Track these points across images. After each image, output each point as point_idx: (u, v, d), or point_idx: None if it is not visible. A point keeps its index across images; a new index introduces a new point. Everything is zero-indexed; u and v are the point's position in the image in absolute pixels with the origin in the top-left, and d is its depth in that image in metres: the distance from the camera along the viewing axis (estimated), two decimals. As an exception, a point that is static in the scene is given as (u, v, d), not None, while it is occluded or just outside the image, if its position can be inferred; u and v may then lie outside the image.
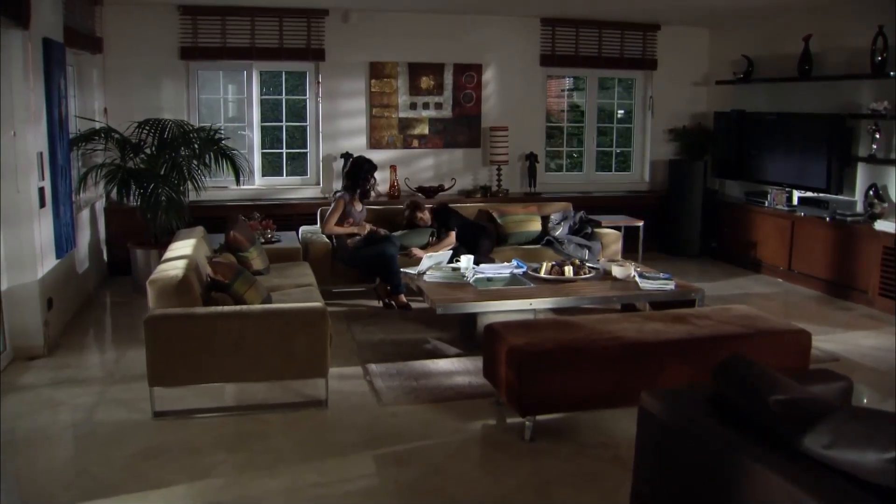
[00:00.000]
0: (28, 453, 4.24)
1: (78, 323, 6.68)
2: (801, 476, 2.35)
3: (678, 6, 8.68)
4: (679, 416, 2.89)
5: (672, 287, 5.82)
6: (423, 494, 3.77)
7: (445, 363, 5.64)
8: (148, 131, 7.57)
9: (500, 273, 6.30)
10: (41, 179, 5.89)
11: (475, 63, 9.59)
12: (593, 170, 10.40)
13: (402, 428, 4.54)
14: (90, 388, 5.19)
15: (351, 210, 7.16)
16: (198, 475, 3.92)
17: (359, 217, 7.26)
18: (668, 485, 2.96)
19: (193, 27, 8.77)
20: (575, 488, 3.80)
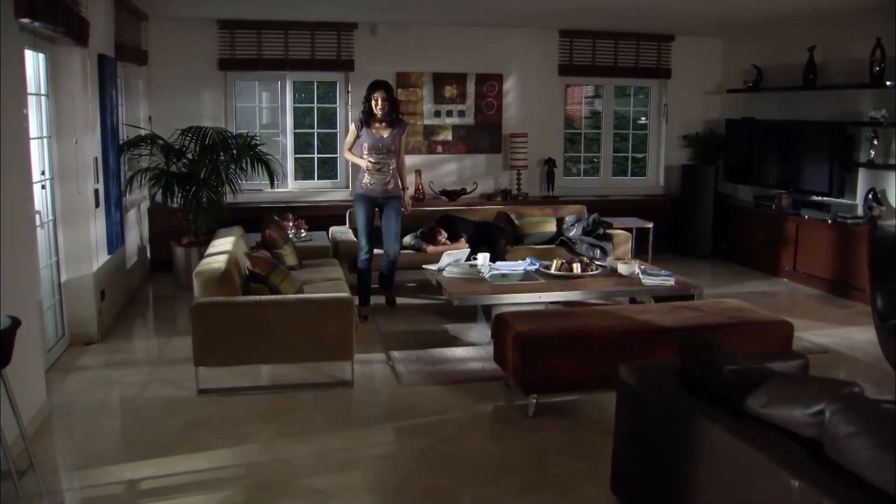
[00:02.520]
0: (90, 422, 4.83)
1: (126, 313, 7.28)
2: (743, 431, 2.83)
3: (692, 18, 9.10)
4: (650, 385, 3.39)
5: (672, 283, 6.28)
6: (436, 458, 4.30)
7: (461, 351, 6.16)
8: (191, 138, 8.17)
9: (514, 270, 6.78)
10: (96, 182, 6.48)
11: (496, 73, 10.10)
12: (610, 174, 10.86)
13: (419, 405, 5.07)
14: (140, 370, 5.78)
15: (364, 135, 6.85)
16: (238, 441, 4.47)
17: (372, 142, 6.81)
18: (640, 444, 3.45)
19: (231, 40, 9.37)
20: (569, 456, 4.30)
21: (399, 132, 6.94)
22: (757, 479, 2.64)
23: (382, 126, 6.85)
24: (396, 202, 7.02)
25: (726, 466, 2.84)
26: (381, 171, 6.85)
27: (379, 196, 6.93)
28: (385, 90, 6.77)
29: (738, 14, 8.63)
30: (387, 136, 6.85)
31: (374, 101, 6.74)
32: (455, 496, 3.87)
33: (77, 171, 6.11)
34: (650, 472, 3.37)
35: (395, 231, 7.02)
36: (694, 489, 3.01)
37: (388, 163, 6.88)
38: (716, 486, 2.91)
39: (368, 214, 6.95)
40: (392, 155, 6.90)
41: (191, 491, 3.89)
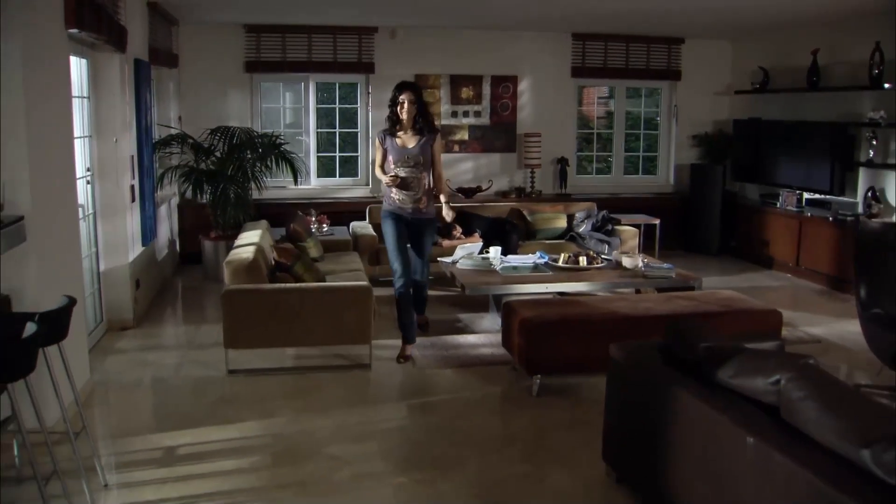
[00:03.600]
0: (129, 397, 5.27)
1: (158, 302, 7.72)
2: (712, 398, 3.20)
3: (701, 22, 9.41)
4: (636, 361, 3.77)
5: (672, 275, 6.63)
6: (445, 431, 4.70)
7: (473, 338, 6.56)
8: (219, 137, 8.62)
9: (524, 262, 7.15)
10: (132, 178, 6.93)
11: (511, 75, 10.48)
12: (621, 173, 11.20)
13: (431, 385, 5.47)
14: (173, 353, 6.23)
15: (389, 147, 6.02)
16: (264, 415, 4.89)
17: (398, 154, 5.96)
18: (627, 414, 3.83)
19: (257, 43, 9.81)
20: (567, 430, 4.68)
21: (429, 141, 5.97)
22: (720, 438, 3.01)
23: (409, 135, 5.96)
24: (430, 226, 6.22)
25: (696, 429, 3.21)
26: (410, 186, 5.95)
27: (409, 215, 6.03)
28: (412, 91, 5.95)
29: (746, 18, 8.94)
30: (413, 147, 5.94)
31: (399, 104, 5.91)
32: (461, 463, 4.26)
33: (116, 168, 6.55)
34: (635, 438, 3.74)
35: (423, 257, 6.27)
36: (670, 451, 3.38)
37: (419, 177, 5.95)
38: (687, 447, 3.27)
39: (399, 234, 5.99)
40: (422, 168, 5.96)
41: (223, 456, 4.32)
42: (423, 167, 5.98)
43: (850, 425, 2.58)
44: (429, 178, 6.04)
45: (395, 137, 5.99)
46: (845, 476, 2.48)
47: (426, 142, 5.98)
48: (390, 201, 6.06)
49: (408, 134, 5.98)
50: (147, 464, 4.23)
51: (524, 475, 4.13)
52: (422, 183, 5.99)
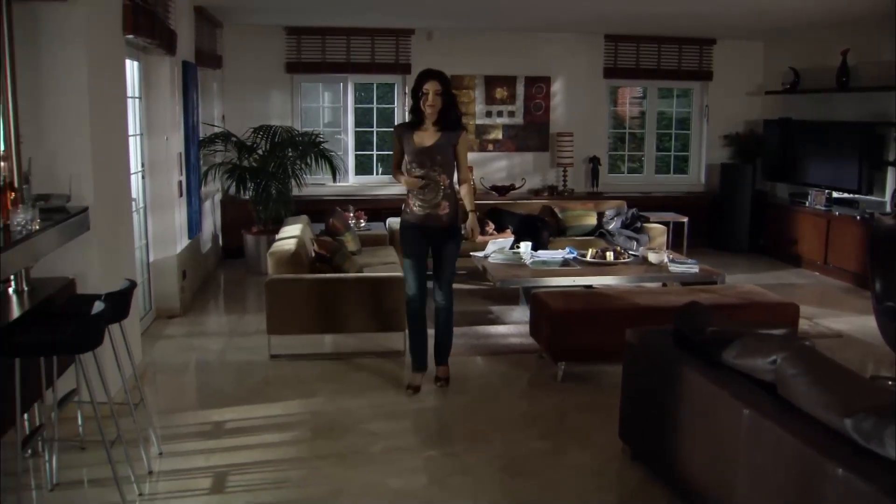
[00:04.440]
0: (178, 378, 5.65)
1: (203, 293, 8.10)
2: (715, 375, 3.46)
3: (733, 22, 9.59)
4: (649, 344, 4.04)
5: (696, 270, 6.86)
6: (474, 411, 5.02)
7: (503, 328, 6.85)
8: (261, 136, 8.99)
9: (553, 257, 7.41)
10: (180, 174, 7.31)
11: (544, 76, 10.75)
12: (653, 172, 11.41)
13: (462, 370, 5.76)
14: (218, 339, 6.59)
15: (406, 143, 5.21)
16: (304, 395, 5.22)
17: (414, 152, 5.14)
18: (641, 394, 4.10)
19: (298, 45, 10.17)
20: (587, 412, 4.95)
21: (451, 139, 5.11)
22: (720, 411, 3.27)
23: (429, 131, 5.12)
24: (452, 237, 5.29)
25: (700, 404, 3.47)
26: (427, 188, 5.13)
27: (429, 224, 5.20)
28: (440, 81, 5.06)
29: (778, 18, 9.10)
30: (432, 144, 5.09)
31: (423, 95, 5.04)
32: (486, 439, 4.56)
33: (165, 165, 6.94)
34: (647, 416, 4.01)
35: (447, 275, 5.35)
36: (677, 426, 3.65)
37: (436, 180, 5.12)
38: (692, 422, 3.54)
39: (416, 250, 5.27)
40: (441, 170, 5.12)
41: (267, 431, 4.67)
42: (443, 168, 5.12)
43: (835, 398, 2.83)
44: (449, 180, 5.20)
45: (413, 133, 5.17)
46: (828, 442, 2.74)
47: (447, 140, 5.10)
48: (408, 209, 5.29)
49: (428, 130, 5.12)
50: (197, 436, 4.59)
51: (545, 451, 4.42)
52: (440, 186, 5.13)
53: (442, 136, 5.11)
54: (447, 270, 5.35)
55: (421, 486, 3.99)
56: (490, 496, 3.92)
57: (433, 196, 5.15)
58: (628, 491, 4.05)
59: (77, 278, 4.52)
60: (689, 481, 3.57)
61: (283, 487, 3.97)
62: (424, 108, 5.05)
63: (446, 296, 5.40)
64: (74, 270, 4.52)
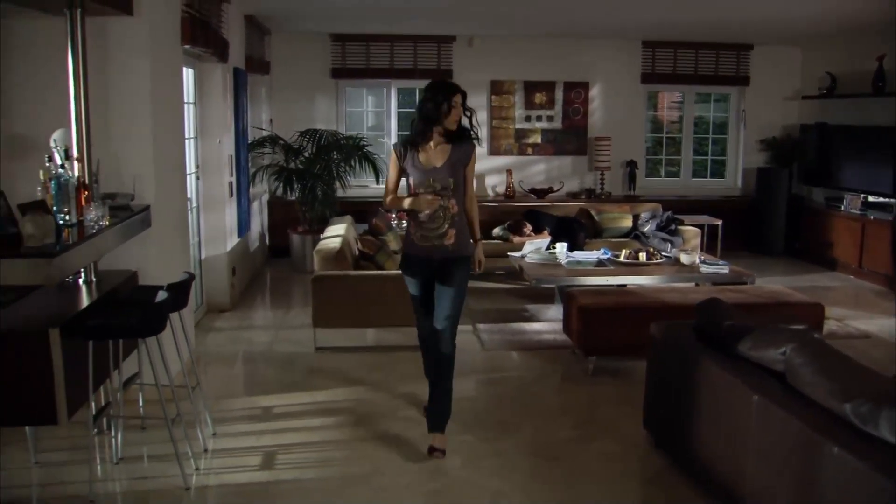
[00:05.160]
0: (229, 367, 6.01)
1: (250, 289, 8.47)
2: (729, 365, 3.69)
3: (770, 28, 9.72)
4: (671, 337, 4.28)
5: (726, 271, 7.05)
6: (508, 402, 5.30)
7: (538, 325, 7.12)
8: (307, 139, 9.36)
9: (588, 257, 7.65)
10: (230, 176, 7.68)
11: (583, 81, 10.98)
12: (690, 176, 11.57)
13: (497, 364, 6.05)
14: (266, 332, 6.94)
15: (409, 165, 4.50)
16: (347, 384, 5.54)
17: (420, 175, 4.46)
18: (663, 384, 4.34)
19: (343, 52, 10.53)
20: (616, 404, 5.20)
21: (462, 158, 4.44)
22: (733, 397, 3.51)
23: (436, 149, 4.43)
24: (460, 267, 4.52)
25: (715, 392, 3.71)
26: (433, 217, 4.44)
27: (433, 256, 4.48)
28: (461, 92, 4.45)
29: (815, 24, 9.20)
30: (442, 165, 4.42)
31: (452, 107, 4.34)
32: (519, 428, 4.83)
33: (218, 166, 7.31)
34: (668, 405, 4.25)
35: (448, 313, 4.47)
36: (694, 413, 3.89)
37: (446, 206, 4.44)
38: (707, 408, 3.78)
39: (422, 286, 4.58)
40: (454, 194, 4.47)
41: (313, 415, 5.00)
42: (454, 192, 4.46)
43: (837, 385, 3.06)
44: (459, 206, 4.50)
45: (416, 153, 4.46)
46: (828, 425, 2.96)
47: (459, 158, 4.43)
48: (409, 240, 4.60)
49: (436, 147, 4.43)
50: (247, 419, 4.93)
51: (573, 439, 4.67)
52: (449, 212, 4.45)
53: (453, 152, 4.42)
54: (449, 306, 4.45)
55: (455, 466, 4.27)
56: (520, 477, 4.19)
57: (439, 225, 4.44)
58: (649, 476, 4.28)
59: (139, 271, 4.87)
60: (704, 465, 3.81)
61: (326, 466, 4.28)
62: (447, 124, 4.34)
63: (446, 340, 4.48)
64: (136, 264, 4.87)
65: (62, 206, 3.97)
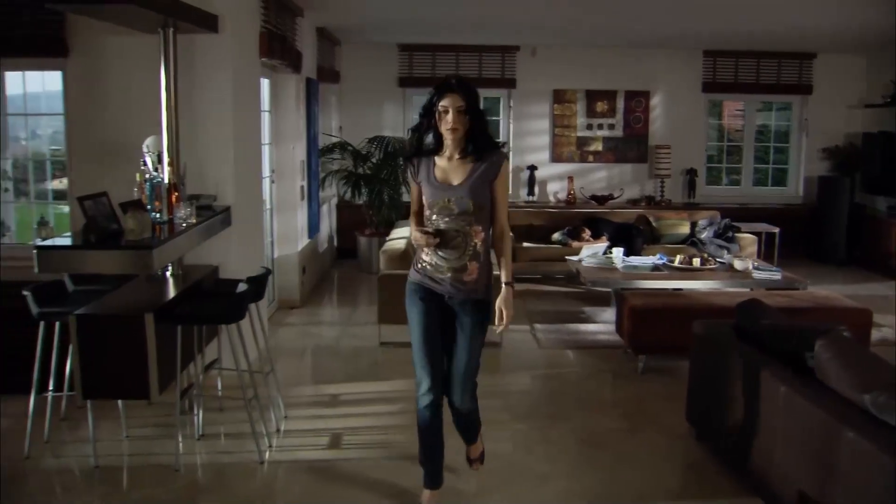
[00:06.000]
0: (299, 359, 6.44)
1: (319, 288, 8.91)
2: (762, 360, 3.94)
3: (834, 37, 9.80)
4: (713, 335, 4.53)
5: (778, 277, 7.21)
6: (560, 395, 5.61)
7: (593, 326, 7.40)
8: (375, 146, 9.78)
9: (644, 262, 7.88)
10: (302, 180, 8.12)
11: (644, 90, 11.19)
12: (750, 184, 11.67)
13: (551, 361, 6.35)
14: (333, 328, 7.36)
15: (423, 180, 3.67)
16: (409, 376, 5.70)
17: (434, 193, 3.60)
18: (704, 378, 4.59)
19: (409, 61, 10.94)
20: (662, 400, 5.45)
21: (487, 173, 3.59)
22: (764, 390, 3.76)
23: (454, 162, 3.61)
24: (478, 310, 3.72)
25: (749, 385, 3.96)
26: (451, 243, 3.60)
27: (447, 293, 3.66)
28: (462, 94, 3.50)
29: (880, 32, 9.25)
30: (462, 182, 3.59)
31: (438, 113, 3.54)
32: (569, 418, 5.14)
33: (291, 171, 7.76)
34: (709, 398, 4.50)
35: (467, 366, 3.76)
36: (731, 404, 4.14)
37: (467, 231, 3.58)
38: (742, 400, 4.03)
39: (426, 321, 3.70)
40: (474, 218, 3.58)
41: (376, 403, 5.39)
42: (475, 215, 3.58)
43: (859, 378, 3.30)
44: (485, 233, 3.65)
45: (432, 166, 3.66)
46: (849, 414, 3.21)
47: (484, 174, 3.59)
48: (418, 267, 3.74)
49: (453, 161, 3.61)
50: (316, 405, 5.34)
51: (620, 430, 4.96)
52: (470, 240, 3.59)
53: (475, 168, 3.58)
54: (467, 359, 3.74)
55: (507, 451, 4.59)
56: (567, 461, 4.49)
57: (459, 253, 3.59)
58: (689, 464, 4.54)
59: (220, 266, 5.31)
60: (739, 454, 4.05)
61: (388, 448, 4.64)
62: (443, 131, 3.54)
63: (465, 394, 3.82)
64: (217, 259, 5.31)
65: (155, 205, 4.41)
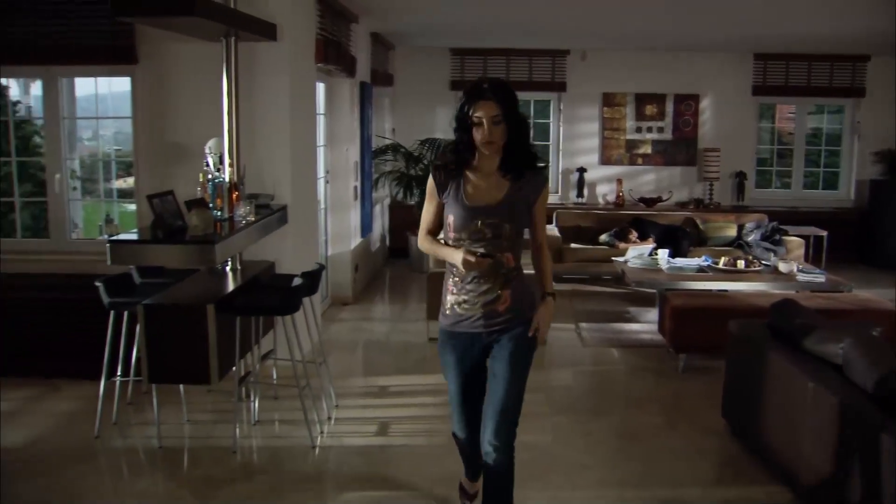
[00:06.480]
0: (351, 352, 6.71)
1: (371, 285, 9.19)
2: (793, 358, 4.08)
3: (889, 38, 9.75)
4: (747, 333, 4.67)
5: (822, 280, 7.27)
6: (601, 391, 5.82)
7: (637, 326, 7.56)
8: (427, 147, 10.03)
9: (689, 264, 7.99)
10: (355, 180, 8.40)
11: (693, 93, 11.28)
12: (800, 187, 11.66)
13: (595, 359, 6.54)
14: (383, 324, 7.63)
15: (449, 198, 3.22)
16: (455, 371, 6.11)
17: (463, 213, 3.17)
18: (739, 376, 4.73)
19: (461, 65, 11.18)
20: (701, 398, 5.58)
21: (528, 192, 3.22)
22: (793, 385, 3.91)
23: (489, 179, 3.22)
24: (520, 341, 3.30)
25: (781, 381, 4.11)
26: (482, 275, 3.19)
27: (482, 329, 3.27)
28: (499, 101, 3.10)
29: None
30: (498, 204, 3.18)
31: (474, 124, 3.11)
32: (609, 412, 5.33)
33: (345, 172, 8.04)
34: (744, 395, 4.64)
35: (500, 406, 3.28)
36: (763, 400, 4.29)
37: (499, 259, 3.18)
38: (775, 396, 4.18)
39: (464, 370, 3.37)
40: (509, 242, 3.20)
41: (423, 395, 5.64)
42: (511, 241, 3.20)
43: (884, 373, 3.43)
44: (517, 259, 3.26)
45: (462, 182, 3.21)
46: (869, 409, 3.34)
47: (523, 196, 3.21)
48: (447, 309, 3.35)
49: (488, 177, 3.22)
50: (365, 395, 5.62)
51: (657, 424, 5.13)
52: (501, 268, 3.20)
53: (513, 187, 3.19)
54: (504, 395, 3.27)
55: (547, 441, 4.80)
56: (604, 453, 4.68)
57: (489, 286, 3.20)
58: (723, 459, 4.69)
59: (276, 262, 5.59)
60: (771, 449, 4.20)
61: (433, 436, 4.87)
62: (479, 146, 3.14)
63: (501, 435, 3.28)
64: (274, 255, 5.60)
65: (217, 203, 4.70)
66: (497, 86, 3.15)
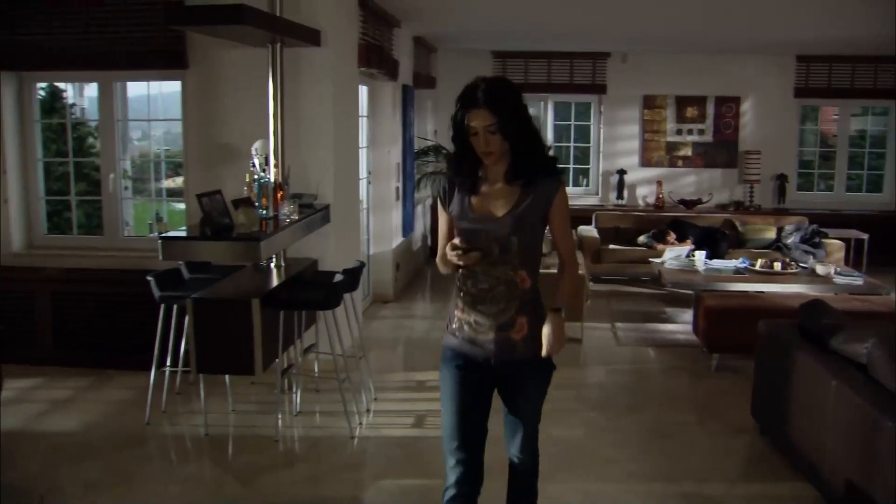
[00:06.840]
0: (391, 348, 6.92)
1: (412, 284, 9.38)
2: (819, 357, 4.16)
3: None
4: (776, 333, 4.76)
5: (860, 283, 7.30)
6: (633, 388, 5.93)
7: (672, 326, 7.66)
8: (468, 149, 10.16)
9: (726, 266, 8.06)
10: (397, 181, 8.59)
11: (734, 95, 11.29)
12: (843, 190, 11.61)
13: (629, 357, 6.65)
14: (423, 321, 7.83)
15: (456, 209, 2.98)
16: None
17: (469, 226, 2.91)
18: (768, 375, 4.82)
19: (503, 67, 11.33)
20: (732, 397, 5.67)
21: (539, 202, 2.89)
22: (818, 383, 4.00)
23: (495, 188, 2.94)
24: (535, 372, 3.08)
25: (807, 380, 4.20)
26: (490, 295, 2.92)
27: (492, 356, 3.01)
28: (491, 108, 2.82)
29: None
30: (503, 216, 2.88)
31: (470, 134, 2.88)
32: (640, 409, 5.44)
33: (387, 173, 8.24)
34: (772, 393, 4.73)
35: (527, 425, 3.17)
36: (791, 398, 4.38)
37: (512, 278, 2.89)
38: (801, 394, 4.27)
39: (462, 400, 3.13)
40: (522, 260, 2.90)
41: (458, 390, 5.75)
42: (521, 257, 2.90)
43: (903, 371, 3.52)
44: (533, 280, 2.95)
45: (467, 195, 2.97)
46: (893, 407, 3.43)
47: (532, 205, 2.89)
48: (454, 326, 3.14)
49: (495, 187, 2.94)
50: (403, 389, 5.81)
51: (687, 422, 5.23)
52: (515, 288, 2.91)
53: (522, 197, 2.89)
54: (527, 417, 3.17)
55: (578, 436, 4.93)
56: (633, 448, 4.80)
57: (503, 306, 2.93)
58: (750, 456, 4.79)
59: (319, 259, 5.80)
60: (797, 446, 4.29)
61: (468, 429, 5.02)
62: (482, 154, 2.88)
63: (527, 449, 3.19)
64: (317, 253, 5.81)
65: (263, 202, 4.91)
66: (492, 91, 2.83)
